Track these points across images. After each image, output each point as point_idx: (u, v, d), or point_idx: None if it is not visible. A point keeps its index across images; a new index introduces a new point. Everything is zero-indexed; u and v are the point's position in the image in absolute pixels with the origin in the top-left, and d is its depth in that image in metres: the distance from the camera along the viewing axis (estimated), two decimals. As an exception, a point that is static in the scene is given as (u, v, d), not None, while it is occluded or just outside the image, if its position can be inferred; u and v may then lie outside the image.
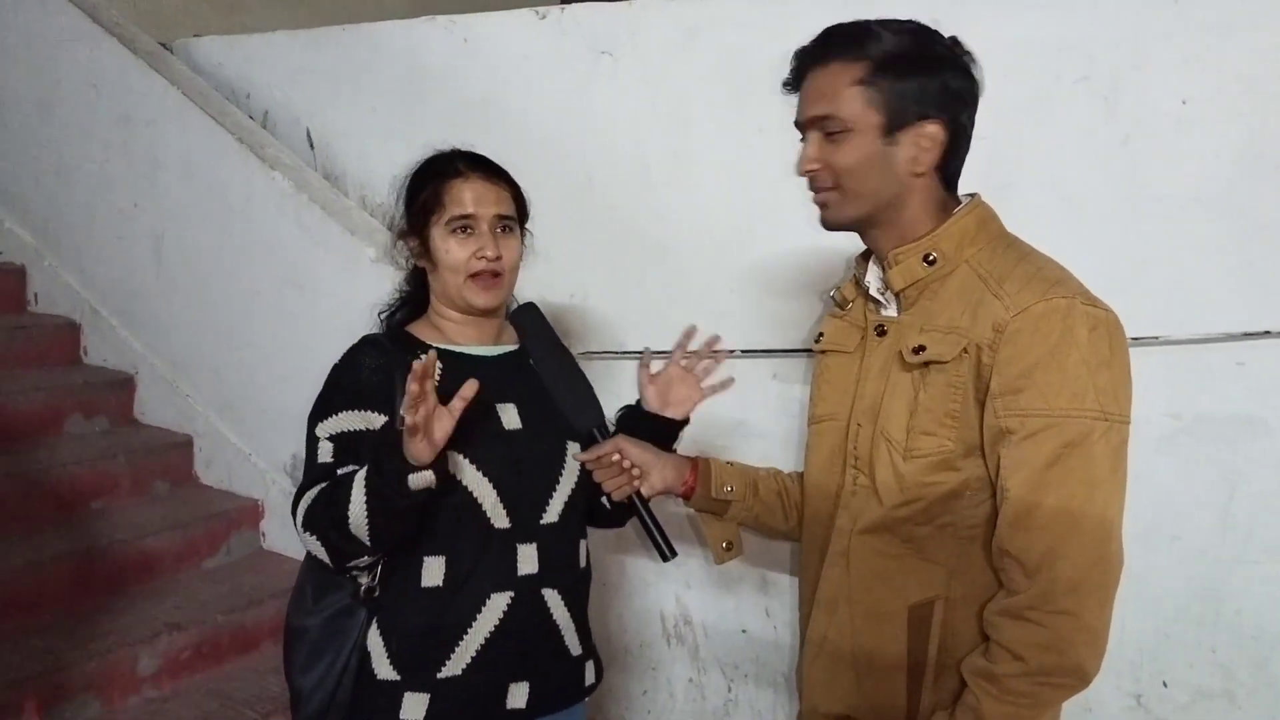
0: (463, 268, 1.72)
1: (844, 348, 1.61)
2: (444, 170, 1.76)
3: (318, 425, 1.70)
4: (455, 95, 2.95)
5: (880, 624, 1.49)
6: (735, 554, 1.80)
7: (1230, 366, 2.04)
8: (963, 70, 1.43)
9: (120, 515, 3.06)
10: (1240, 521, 2.06)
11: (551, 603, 1.75)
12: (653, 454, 1.71)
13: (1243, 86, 1.98)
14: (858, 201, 1.48)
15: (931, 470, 1.43)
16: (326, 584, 1.73)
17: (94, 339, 3.69)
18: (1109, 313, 1.38)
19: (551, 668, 1.77)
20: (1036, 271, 1.40)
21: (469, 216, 1.72)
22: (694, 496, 1.75)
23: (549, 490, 1.76)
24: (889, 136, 1.43)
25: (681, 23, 2.56)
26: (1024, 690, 1.34)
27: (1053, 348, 1.34)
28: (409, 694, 1.67)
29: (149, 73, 3.33)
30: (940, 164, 1.45)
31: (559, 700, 1.78)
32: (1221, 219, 2.02)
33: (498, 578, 1.70)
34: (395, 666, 1.68)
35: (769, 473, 1.82)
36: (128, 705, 2.57)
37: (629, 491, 1.68)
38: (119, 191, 3.51)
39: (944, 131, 1.43)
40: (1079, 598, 1.33)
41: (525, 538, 1.72)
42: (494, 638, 1.69)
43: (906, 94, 1.41)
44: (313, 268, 2.98)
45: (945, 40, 1.44)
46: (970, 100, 1.44)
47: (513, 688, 1.71)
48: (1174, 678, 2.15)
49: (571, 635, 1.79)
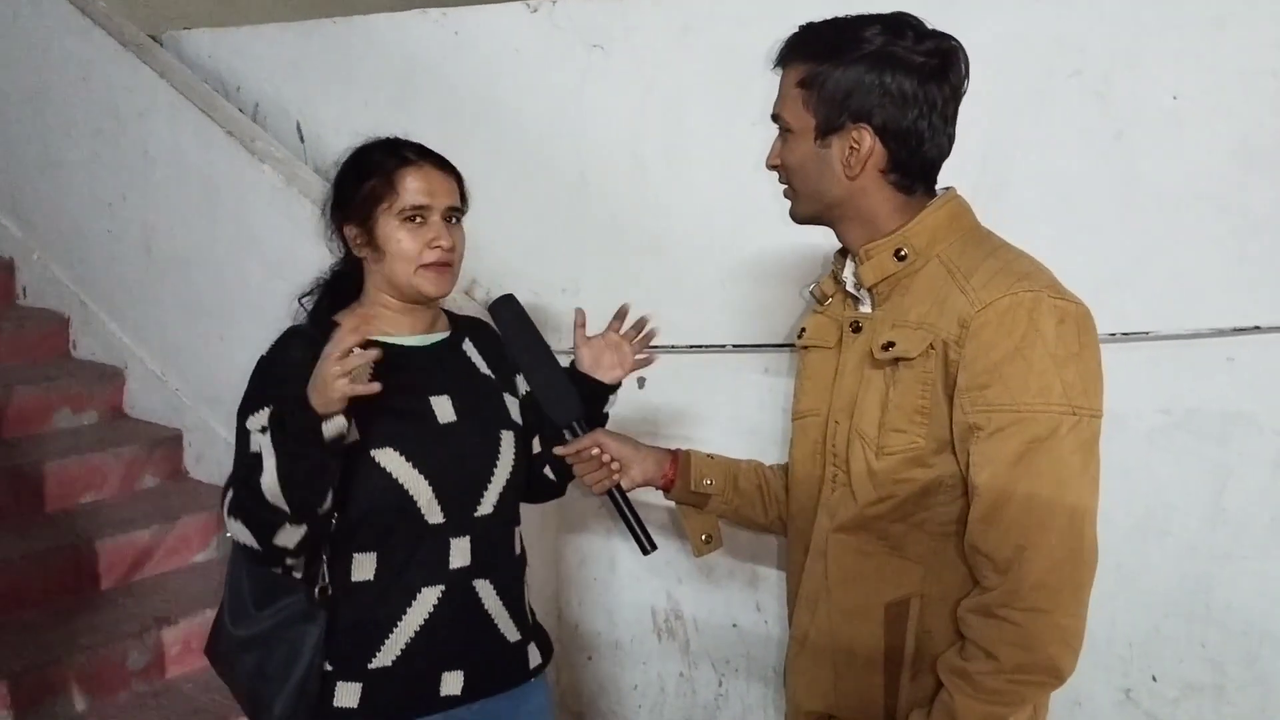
0: (415, 258, 1.69)
1: (825, 343, 1.60)
2: (392, 159, 1.72)
3: (246, 419, 1.66)
4: (447, 89, 2.93)
5: (857, 621, 1.48)
6: (714, 546, 1.80)
7: (1221, 362, 2.05)
8: (909, 68, 1.38)
9: (109, 509, 3.05)
10: (1230, 516, 2.07)
11: (483, 593, 1.74)
12: (632, 447, 1.72)
13: (1235, 82, 1.99)
14: (806, 200, 1.51)
15: (904, 467, 1.42)
16: (269, 587, 1.68)
17: (83, 332, 3.67)
18: (1078, 305, 1.37)
19: (486, 655, 1.76)
20: (1004, 266, 1.39)
21: (423, 207, 1.69)
22: (674, 489, 1.76)
23: (484, 482, 1.74)
24: (823, 139, 1.44)
25: (675, 17, 2.56)
26: (998, 688, 1.34)
27: (1018, 342, 1.32)
28: (340, 683, 1.68)
29: (138, 65, 3.31)
30: (887, 166, 1.44)
31: (497, 684, 1.77)
32: (1214, 214, 2.03)
33: (428, 572, 1.69)
34: (328, 658, 1.67)
35: (750, 465, 1.82)
36: (117, 700, 2.56)
37: (609, 485, 1.69)
38: (108, 184, 3.49)
39: (871, 136, 1.41)
40: (1050, 594, 1.32)
41: (458, 531, 1.71)
42: (424, 630, 1.69)
43: (837, 97, 1.41)
44: (303, 261, 2.95)
45: (908, 36, 1.39)
46: (917, 100, 1.39)
47: (446, 676, 1.71)
48: (1164, 672, 2.16)
49: (506, 622, 1.78)
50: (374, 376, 1.52)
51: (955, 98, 1.44)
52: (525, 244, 1.85)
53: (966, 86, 1.44)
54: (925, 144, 1.43)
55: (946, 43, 1.42)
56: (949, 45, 1.42)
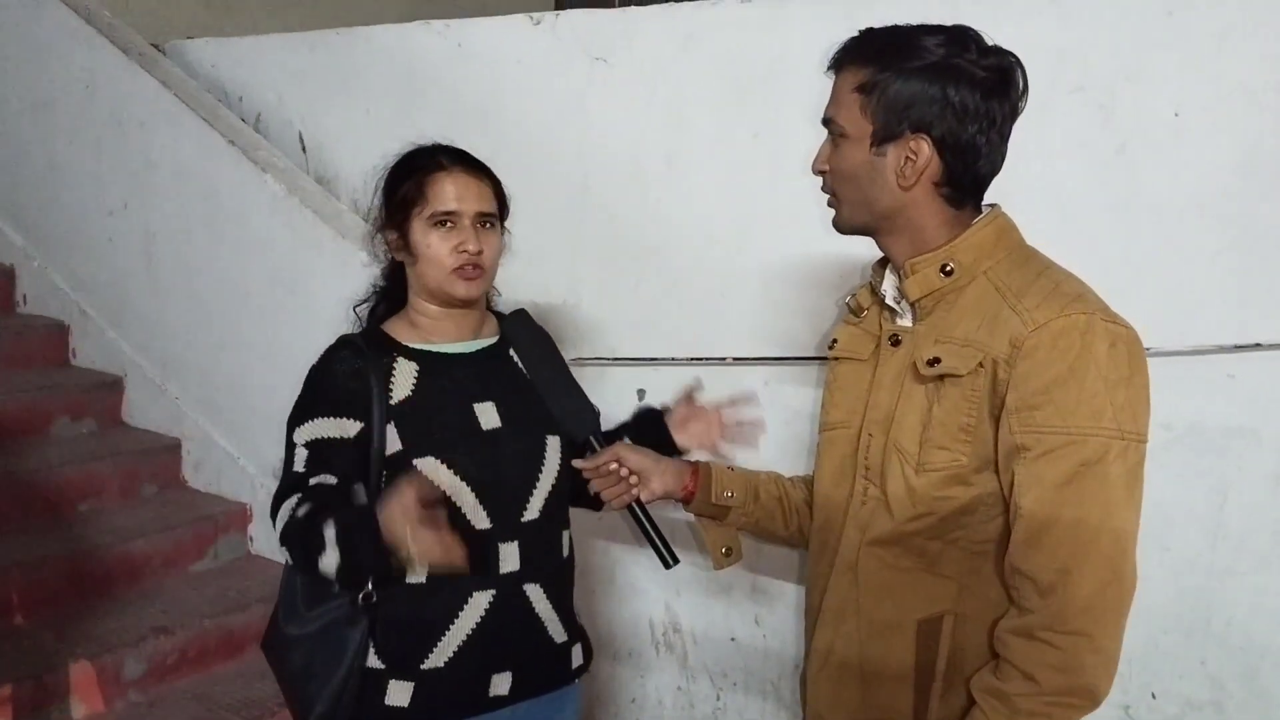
0: (445, 261, 1.71)
1: (857, 355, 1.58)
2: (426, 164, 1.76)
3: (294, 430, 1.71)
4: (449, 100, 2.94)
5: (888, 637, 1.47)
6: (735, 559, 1.78)
7: (1222, 378, 2.04)
8: (973, 82, 1.37)
9: (107, 518, 3.05)
10: (1231, 532, 2.06)
11: (534, 597, 1.76)
12: (652, 459, 1.71)
13: (1238, 96, 1.99)
14: (853, 209, 1.47)
15: (944, 485, 1.41)
16: (318, 589, 1.72)
17: (83, 341, 3.67)
18: (1128, 329, 1.36)
19: (534, 656, 1.78)
20: (1055, 286, 1.37)
21: (451, 213, 1.71)
22: (694, 501, 1.74)
23: (529, 488, 1.76)
24: (878, 147, 1.41)
25: (677, 29, 2.56)
26: (1035, 710, 1.33)
27: (1071, 365, 1.31)
28: (394, 681, 1.70)
29: (141, 74, 3.32)
30: (941, 179, 1.41)
31: (543, 685, 1.80)
32: (1215, 229, 2.02)
33: (479, 578, 1.71)
34: (380, 656, 1.70)
35: (769, 477, 1.80)
36: (113, 709, 2.56)
37: (627, 500, 1.68)
38: (110, 193, 3.49)
39: (930, 147, 1.39)
40: (1093, 618, 1.31)
41: (506, 536, 1.73)
42: (476, 634, 1.71)
43: (898, 105, 1.38)
44: (304, 271, 2.97)
45: (971, 49, 1.37)
46: (978, 114, 1.38)
47: (495, 678, 1.73)
48: (1163, 689, 2.15)
49: (555, 625, 1.80)
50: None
51: (1013, 115, 1.42)
52: (528, 253, 1.85)
53: (1024, 105, 1.42)
54: (981, 159, 1.41)
55: (1008, 59, 1.40)
56: (1010, 61, 1.40)
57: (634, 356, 2.65)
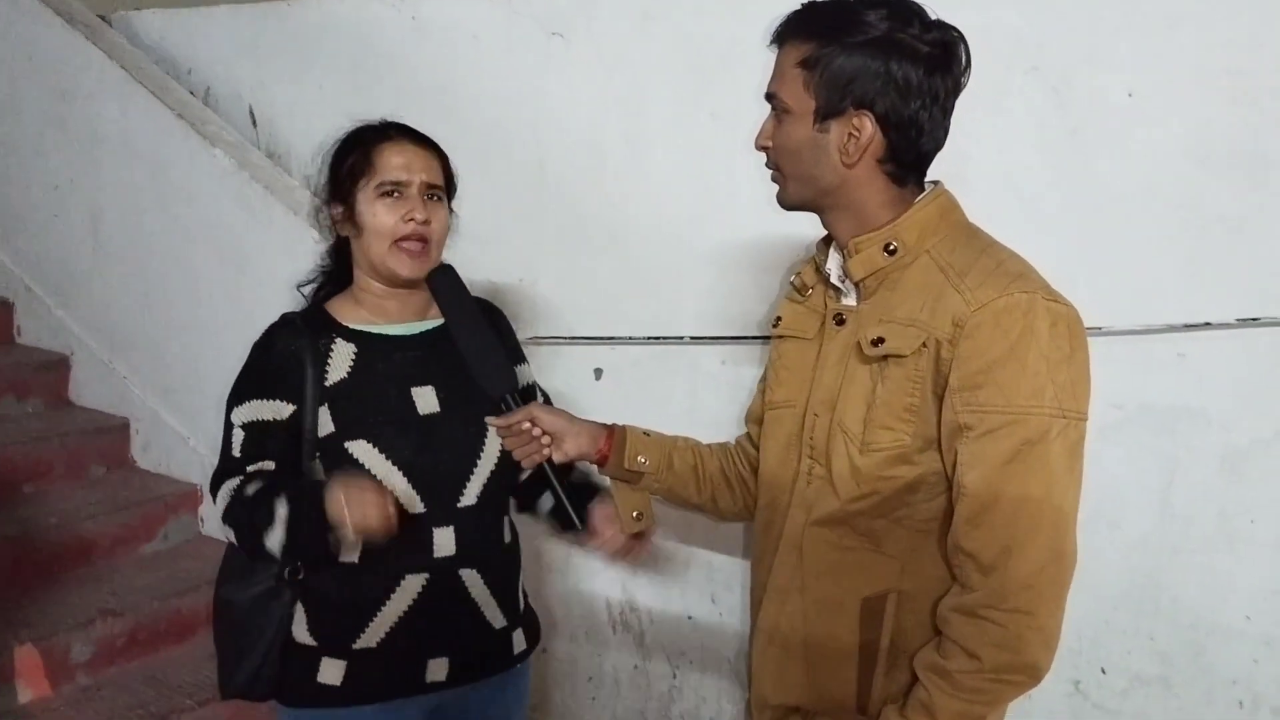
0: (389, 232, 1.69)
1: (802, 334, 1.58)
2: (373, 135, 1.75)
3: (232, 411, 1.72)
4: (404, 75, 2.90)
5: (832, 615, 1.47)
6: (646, 524, 1.77)
7: (1172, 358, 2.07)
8: (916, 57, 1.36)
9: (54, 499, 3.00)
10: (1179, 511, 2.09)
11: (469, 581, 1.75)
12: (566, 420, 1.70)
13: (1190, 80, 2.00)
14: (797, 185, 1.47)
15: (888, 464, 1.41)
16: (251, 561, 1.73)
17: (28, 319, 3.60)
18: (1070, 308, 1.37)
19: (472, 641, 1.78)
20: (998, 265, 1.38)
21: (399, 182, 1.70)
22: (607, 464, 1.73)
23: (466, 473, 1.75)
24: (821, 124, 1.40)
25: (635, 6, 2.54)
26: (977, 686, 1.34)
27: (1013, 344, 1.32)
28: (326, 659, 1.70)
29: (87, 46, 3.25)
30: (884, 156, 1.41)
31: (482, 670, 1.80)
32: (1167, 212, 2.04)
33: (412, 560, 1.71)
34: (312, 633, 1.71)
35: (686, 445, 1.79)
36: (60, 692, 2.52)
37: (539, 459, 1.68)
38: (55, 167, 3.42)
39: (873, 124, 1.38)
40: (1034, 596, 1.33)
41: (442, 521, 1.72)
42: (408, 616, 1.71)
43: (841, 80, 1.37)
44: (254, 247, 2.93)
45: (914, 24, 1.37)
46: (921, 90, 1.37)
47: (432, 663, 1.74)
48: (1112, 664, 2.18)
49: (493, 610, 1.79)
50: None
51: (956, 91, 1.42)
52: (483, 232, 1.83)
53: (966, 80, 1.42)
54: (924, 136, 1.41)
55: (951, 34, 1.40)
56: (953, 36, 1.40)
57: (591, 335, 2.63)
